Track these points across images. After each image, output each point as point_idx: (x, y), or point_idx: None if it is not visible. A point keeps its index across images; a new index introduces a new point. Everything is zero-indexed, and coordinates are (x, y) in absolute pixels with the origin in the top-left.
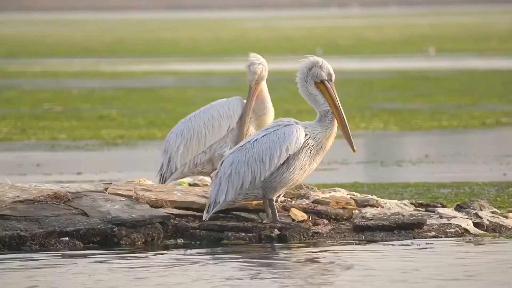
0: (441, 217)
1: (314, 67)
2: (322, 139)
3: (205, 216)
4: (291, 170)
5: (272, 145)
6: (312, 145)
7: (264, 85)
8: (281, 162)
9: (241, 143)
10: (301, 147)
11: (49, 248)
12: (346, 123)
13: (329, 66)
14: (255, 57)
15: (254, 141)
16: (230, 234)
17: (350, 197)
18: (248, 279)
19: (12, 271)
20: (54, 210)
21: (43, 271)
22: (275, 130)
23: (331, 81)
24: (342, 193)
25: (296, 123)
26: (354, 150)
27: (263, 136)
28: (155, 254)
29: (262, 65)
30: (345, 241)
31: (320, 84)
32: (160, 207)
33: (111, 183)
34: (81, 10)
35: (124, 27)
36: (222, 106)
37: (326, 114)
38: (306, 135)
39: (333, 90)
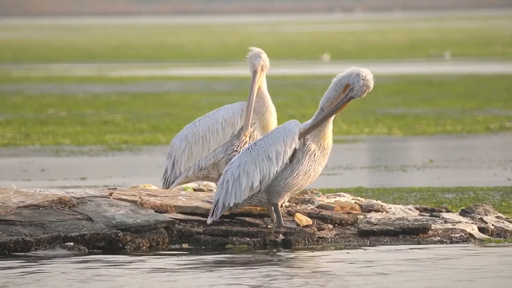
0: (446, 222)
1: (360, 78)
2: (319, 140)
3: (209, 220)
4: (294, 175)
5: (276, 140)
6: (315, 149)
7: (263, 82)
8: (288, 156)
9: (244, 149)
10: (305, 152)
11: (54, 253)
12: (322, 122)
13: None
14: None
15: (258, 141)
16: (234, 239)
17: (355, 202)
18: (253, 284)
19: (17, 276)
20: (58, 215)
21: (48, 275)
22: (276, 129)
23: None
24: (346, 198)
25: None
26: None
27: (265, 136)
28: (160, 259)
29: (264, 54)
30: (350, 246)
31: (347, 87)
32: (165, 212)
33: (115, 188)
34: (86, 15)
35: (128, 32)
36: (226, 111)
37: (322, 110)
38: (307, 139)
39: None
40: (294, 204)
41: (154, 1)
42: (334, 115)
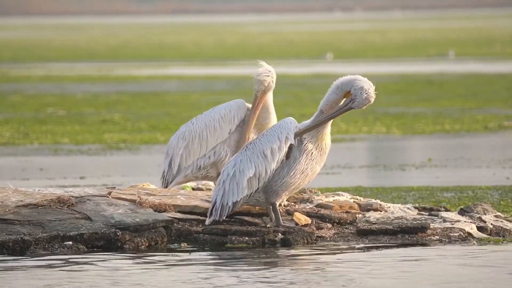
0: (444, 221)
1: (364, 92)
2: (317, 141)
3: (208, 221)
4: (291, 174)
5: (271, 138)
6: (312, 149)
7: (270, 96)
8: (284, 153)
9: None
10: (302, 150)
11: (53, 253)
12: (318, 126)
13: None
14: (264, 66)
15: (253, 140)
16: (233, 238)
17: (354, 201)
18: (252, 284)
19: (16, 276)
20: (57, 214)
21: (47, 275)
22: (271, 127)
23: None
24: (345, 197)
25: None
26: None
27: (260, 135)
28: (159, 258)
29: (271, 76)
30: (348, 245)
31: (348, 94)
32: (164, 211)
33: (114, 188)
34: (86, 15)
35: (128, 31)
36: (223, 109)
37: (322, 112)
38: (305, 138)
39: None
40: (293, 203)
41: (153, 0)
42: (331, 121)
